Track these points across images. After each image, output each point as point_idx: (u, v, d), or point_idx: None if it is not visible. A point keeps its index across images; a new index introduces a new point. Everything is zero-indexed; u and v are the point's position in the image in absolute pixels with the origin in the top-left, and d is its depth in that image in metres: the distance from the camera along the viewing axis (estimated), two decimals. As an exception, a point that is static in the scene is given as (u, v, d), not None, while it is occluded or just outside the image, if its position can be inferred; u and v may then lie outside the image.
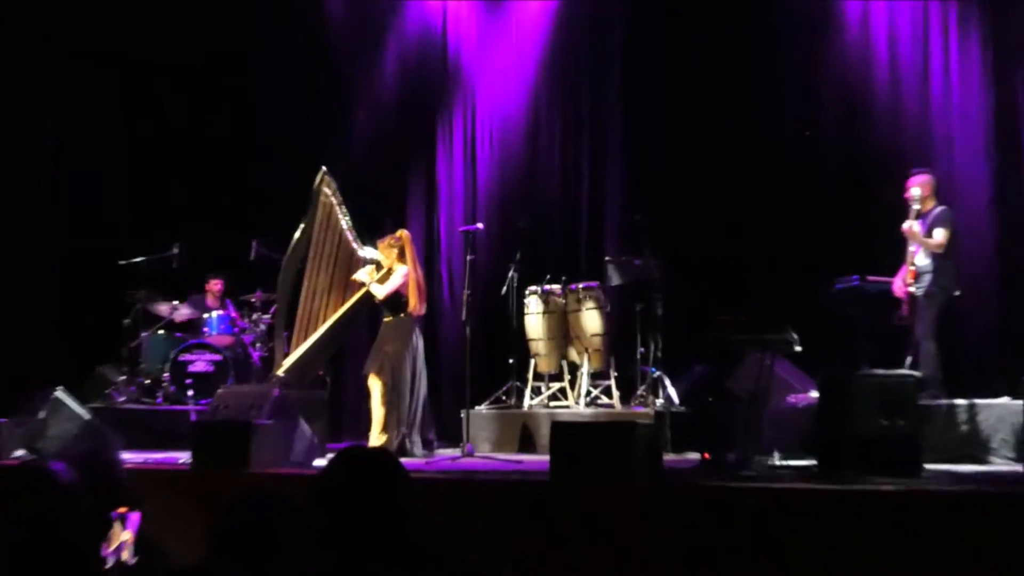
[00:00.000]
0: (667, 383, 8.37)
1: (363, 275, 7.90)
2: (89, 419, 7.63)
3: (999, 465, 6.64)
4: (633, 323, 8.60)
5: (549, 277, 8.97)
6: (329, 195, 8.05)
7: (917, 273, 7.46)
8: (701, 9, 9.44)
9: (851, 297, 7.57)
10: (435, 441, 7.97)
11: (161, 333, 9.79)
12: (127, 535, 3.74)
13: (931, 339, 7.35)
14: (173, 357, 9.35)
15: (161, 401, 9.35)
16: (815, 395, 6.68)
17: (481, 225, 8.69)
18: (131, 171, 10.72)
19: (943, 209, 7.57)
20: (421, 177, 10.61)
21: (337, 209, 8.04)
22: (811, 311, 7.77)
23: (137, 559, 3.73)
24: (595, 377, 8.87)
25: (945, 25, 8.91)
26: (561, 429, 5.81)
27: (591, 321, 8.81)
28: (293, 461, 6.74)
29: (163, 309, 9.84)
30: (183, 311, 9.90)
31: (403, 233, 7.92)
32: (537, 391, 8.99)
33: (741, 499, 5.09)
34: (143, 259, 9.76)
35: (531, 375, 8.96)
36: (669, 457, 7.15)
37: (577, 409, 8.60)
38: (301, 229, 8.05)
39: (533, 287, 9.01)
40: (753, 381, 6.41)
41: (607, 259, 9.04)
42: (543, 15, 10.30)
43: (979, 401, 7.02)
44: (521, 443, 8.42)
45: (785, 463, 6.34)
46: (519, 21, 10.41)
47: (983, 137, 8.67)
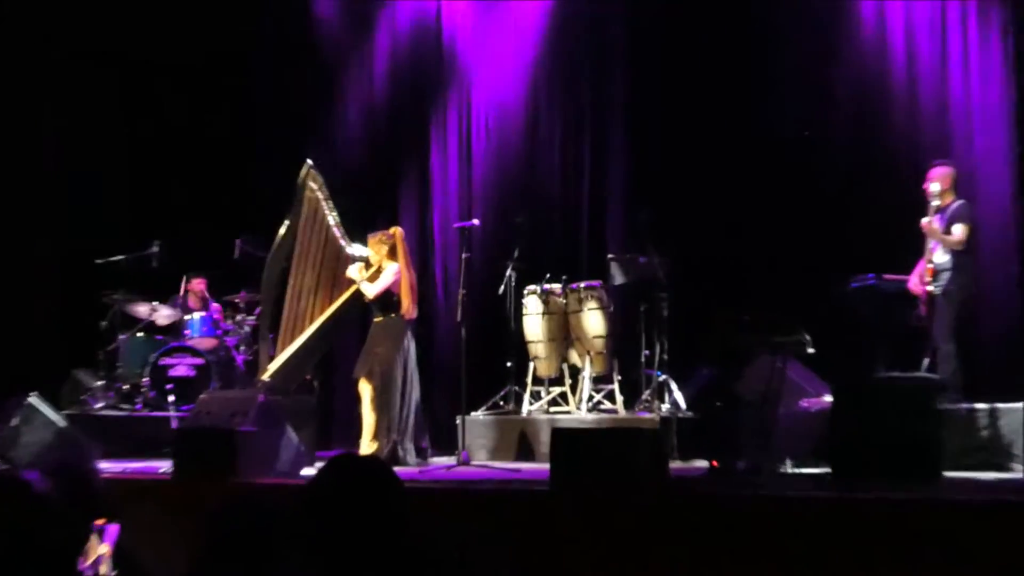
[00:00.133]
0: (673, 387, 8.38)
1: (354, 272, 7.91)
2: (64, 426, 7.62)
3: (1022, 473, 6.64)
4: (637, 324, 8.60)
5: (549, 276, 8.97)
6: (315, 189, 8.04)
7: (935, 271, 7.48)
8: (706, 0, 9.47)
9: (867, 296, 7.58)
10: (429, 449, 7.97)
11: (140, 336, 9.78)
12: (105, 548, 3.74)
13: (950, 340, 7.36)
14: (153, 361, 9.34)
15: (140, 407, 9.35)
16: (829, 399, 6.68)
17: (477, 221, 8.69)
18: (107, 165, 10.73)
19: (961, 203, 7.58)
20: (414, 171, 10.61)
21: (323, 204, 8.04)
22: (824, 311, 7.78)
23: (116, 574, 3.72)
24: (597, 381, 8.87)
25: (964, 14, 8.91)
26: (562, 436, 5.81)
27: (593, 322, 8.81)
28: (280, 470, 6.74)
29: (142, 310, 9.84)
30: (163, 312, 9.89)
31: (396, 231, 7.93)
32: (536, 396, 8.99)
33: (751, 509, 5.09)
34: (121, 257, 9.76)
35: (530, 379, 8.96)
36: (675, 465, 7.17)
37: (578, 415, 8.60)
38: (286, 226, 8.05)
39: (532, 286, 9.01)
40: (763, 385, 6.41)
41: (610, 257, 9.04)
42: (542, 4, 10.31)
43: (1001, 405, 7.02)
44: (519, 451, 8.42)
45: (797, 471, 6.35)
46: (517, 10, 10.42)
47: (1004, 131, 8.66)
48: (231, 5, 10.53)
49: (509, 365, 8.92)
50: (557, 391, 9.02)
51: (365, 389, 7.72)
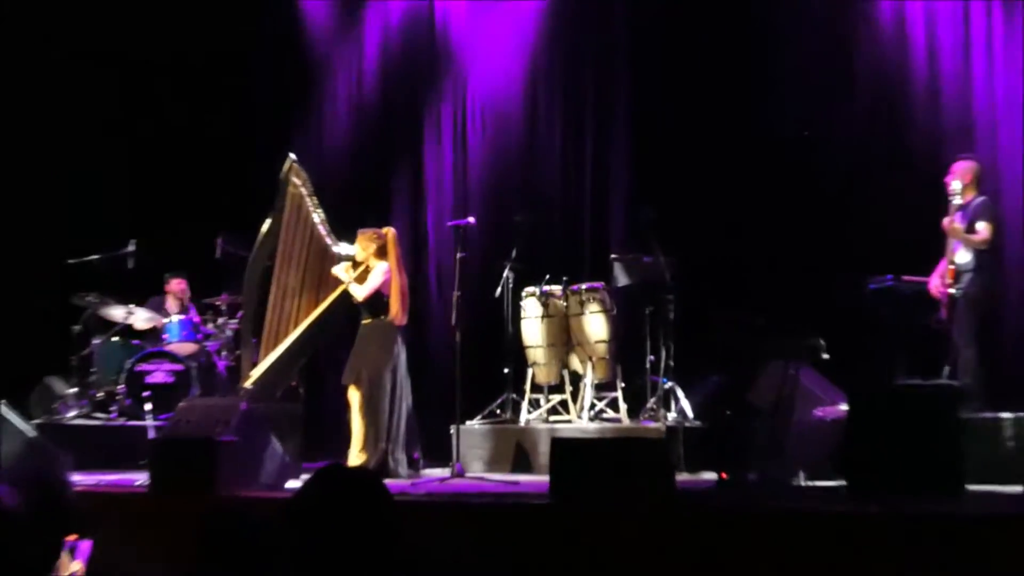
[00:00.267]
0: (680, 395, 8.38)
1: (341, 272, 7.90)
2: (35, 436, 7.61)
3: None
4: (642, 328, 8.60)
5: (548, 277, 8.97)
6: (298, 185, 8.04)
7: (957, 272, 7.47)
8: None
9: (885, 298, 7.58)
10: (421, 460, 7.97)
11: (115, 340, 9.77)
12: (77, 566, 3.73)
13: (971, 345, 7.36)
14: (129, 367, 9.33)
15: (115, 416, 9.33)
16: (844, 408, 6.68)
17: (472, 219, 8.67)
18: (82, 160, 10.72)
19: (983, 200, 7.57)
20: (407, 167, 10.61)
21: (307, 200, 8.04)
22: (840, 314, 7.78)
23: (88, 593, 3.72)
24: (600, 388, 8.87)
25: (988, 2, 8.93)
26: (562, 446, 5.81)
27: (595, 326, 8.81)
28: (264, 483, 6.74)
29: (117, 313, 9.82)
30: (140, 315, 9.87)
31: (389, 232, 7.92)
32: (535, 404, 8.99)
33: (762, 524, 5.09)
34: (95, 257, 9.74)
35: (528, 386, 8.96)
36: (682, 477, 7.16)
37: (580, 424, 8.60)
38: (268, 223, 8.04)
39: (531, 288, 9.01)
40: (775, 392, 6.42)
41: (613, 257, 9.04)
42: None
43: (1026, 414, 7.03)
44: (517, 462, 8.42)
45: (811, 484, 6.35)
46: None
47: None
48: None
49: (506, 371, 8.92)
50: (557, 399, 9.02)
51: (354, 396, 7.71)
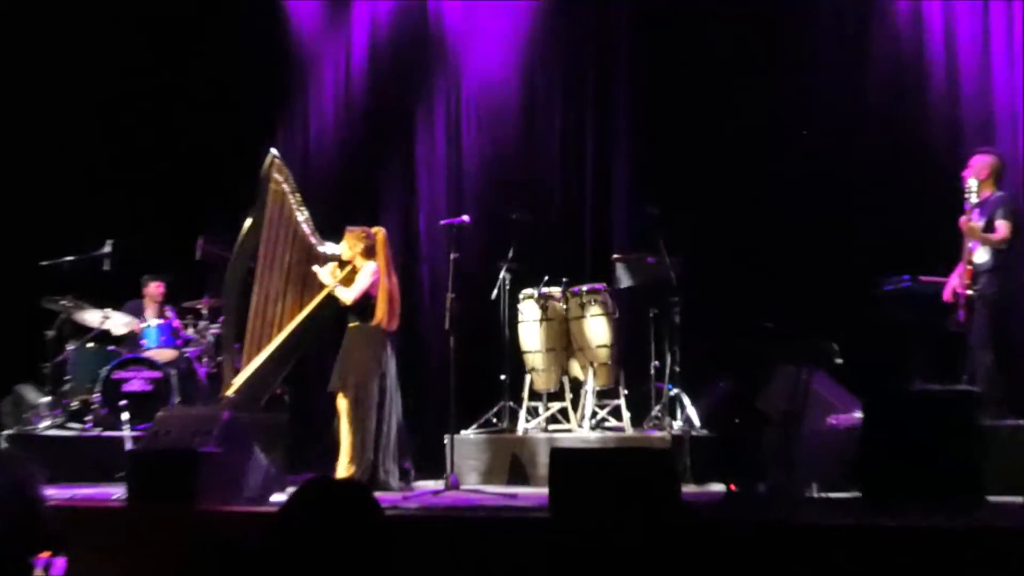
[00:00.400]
0: (686, 402, 8.38)
1: (325, 275, 7.90)
2: (5, 448, 7.61)
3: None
4: (646, 332, 8.61)
5: (547, 278, 8.98)
6: (280, 182, 8.05)
7: (975, 272, 7.45)
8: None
9: (902, 300, 7.59)
10: (412, 471, 7.97)
11: (90, 346, 9.77)
12: (51, 585, 3.73)
13: (989, 348, 7.35)
14: (105, 375, 9.33)
15: (91, 426, 9.33)
16: (859, 415, 6.69)
17: (467, 218, 8.69)
18: (55, 156, 10.72)
19: (1002, 196, 7.54)
20: (397, 163, 10.62)
21: (290, 198, 8.05)
22: (853, 317, 7.79)
23: (63, 613, 3.72)
24: (601, 396, 8.88)
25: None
26: (562, 457, 5.81)
27: (597, 330, 8.82)
28: (247, 496, 6.74)
29: (93, 318, 9.82)
30: (117, 320, 9.88)
31: (379, 232, 7.93)
32: (533, 412, 8.99)
33: (773, 539, 5.09)
34: (69, 259, 9.74)
35: (526, 394, 8.96)
36: (689, 489, 7.17)
37: (580, 433, 8.61)
38: (249, 223, 8.04)
39: (529, 290, 9.02)
40: (787, 400, 6.42)
41: (615, 257, 9.05)
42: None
43: (1050, 422, 7.05)
44: (514, 474, 8.43)
45: (824, 495, 6.35)
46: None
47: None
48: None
49: (503, 378, 8.92)
50: (556, 407, 9.02)
51: (342, 404, 7.72)
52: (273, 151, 8.16)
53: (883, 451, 5.92)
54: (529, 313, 9.00)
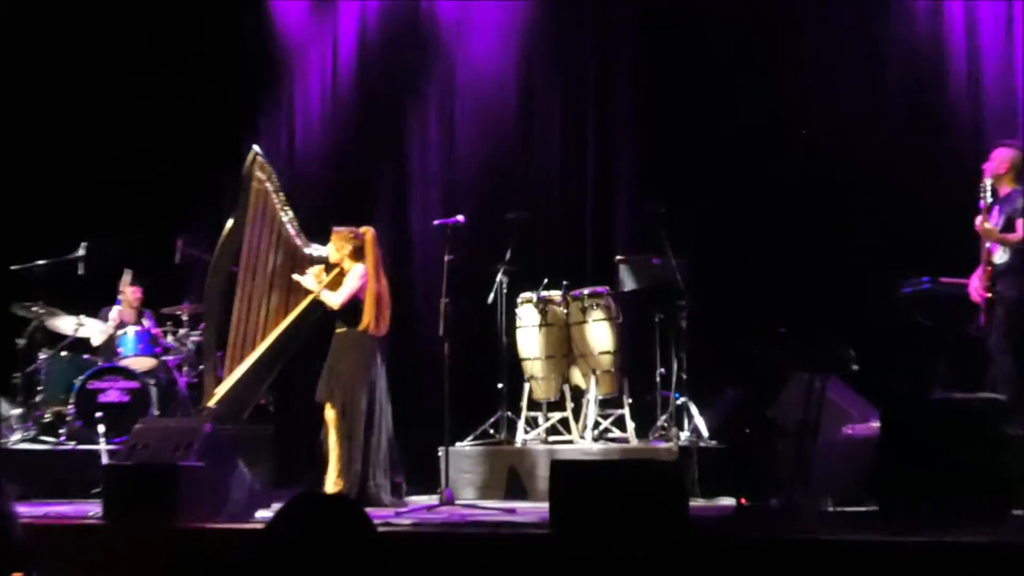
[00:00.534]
0: (693, 412, 8.39)
1: (309, 279, 7.91)
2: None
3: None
4: (651, 337, 8.62)
5: (547, 281, 8.99)
6: (263, 180, 8.05)
7: (994, 274, 7.43)
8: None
9: (921, 303, 7.59)
10: (405, 485, 7.97)
11: (64, 355, 9.77)
12: (24, 606, 3.73)
13: (1010, 353, 7.34)
14: (79, 385, 9.33)
15: (65, 440, 9.33)
16: (876, 425, 6.70)
17: (462, 217, 8.70)
18: (26, 155, 10.73)
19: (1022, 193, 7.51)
20: (388, 160, 10.62)
21: (274, 197, 8.05)
22: (870, 321, 7.79)
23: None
24: (604, 405, 8.88)
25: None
26: (562, 470, 5.81)
27: (599, 335, 8.83)
28: (230, 513, 6.74)
29: (66, 325, 9.82)
30: (91, 327, 9.88)
31: (368, 232, 7.94)
32: (533, 423, 9.00)
33: (786, 555, 5.10)
34: (41, 263, 9.74)
35: (525, 403, 8.97)
36: (697, 503, 7.18)
37: (582, 445, 8.62)
38: (231, 223, 8.05)
39: (527, 294, 9.03)
40: (801, 409, 6.42)
41: (618, 258, 9.06)
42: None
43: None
44: (512, 488, 8.44)
45: (839, 509, 6.36)
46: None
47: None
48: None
49: (500, 387, 8.93)
50: (557, 417, 9.03)
51: (330, 415, 7.73)
52: (255, 148, 8.16)
53: (901, 462, 5.92)
54: (528, 318, 9.01)
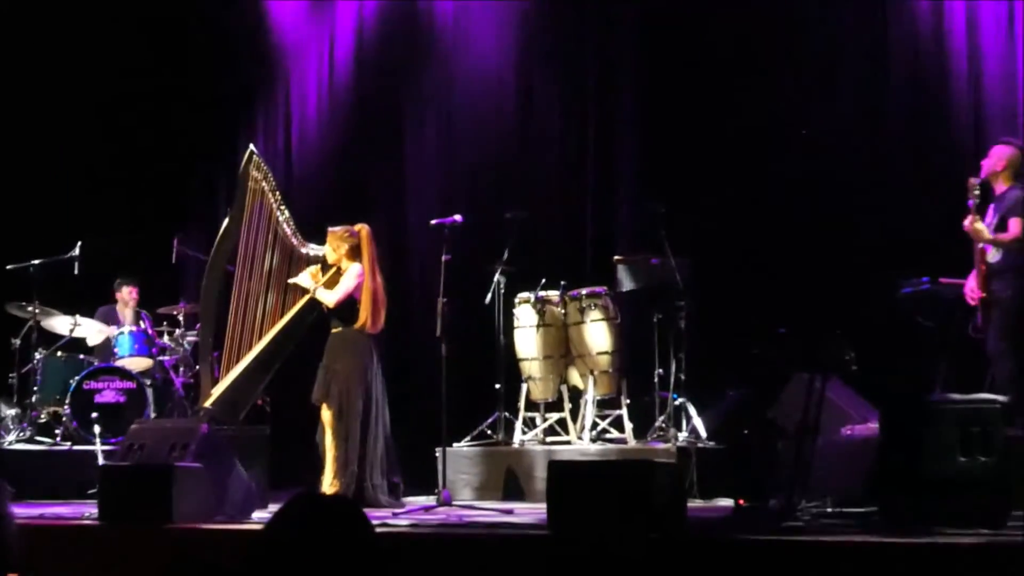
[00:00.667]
0: (692, 412, 8.40)
1: (305, 279, 7.91)
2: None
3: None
4: (649, 338, 8.62)
5: (544, 281, 8.99)
6: (259, 179, 8.07)
7: (989, 274, 7.41)
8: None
9: (921, 303, 7.59)
10: (402, 486, 7.97)
11: (59, 355, 9.77)
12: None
13: (1007, 354, 7.32)
14: (75, 385, 9.33)
15: (60, 440, 9.34)
16: (875, 426, 6.70)
17: (459, 217, 8.71)
18: (21, 154, 10.73)
19: (1020, 192, 7.47)
20: (385, 161, 10.62)
21: (270, 196, 8.07)
22: (870, 321, 7.80)
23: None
24: (602, 405, 8.89)
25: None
26: (560, 471, 5.83)
27: (597, 336, 8.83)
28: (227, 514, 6.74)
29: (62, 325, 9.82)
30: (87, 327, 9.88)
31: (362, 228, 7.94)
32: (530, 424, 9.01)
33: (784, 556, 5.10)
34: (36, 262, 9.74)
35: (522, 404, 8.98)
36: (695, 504, 7.18)
37: (580, 445, 8.62)
38: (227, 222, 8.06)
39: (525, 294, 9.03)
40: (800, 410, 6.42)
41: (617, 258, 9.06)
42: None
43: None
44: (510, 488, 8.44)
45: (839, 510, 6.36)
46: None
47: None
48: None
49: (498, 387, 8.94)
50: (555, 417, 9.04)
51: (326, 415, 7.73)
52: (252, 147, 8.18)
53: (901, 463, 5.92)
54: (525, 318, 9.01)
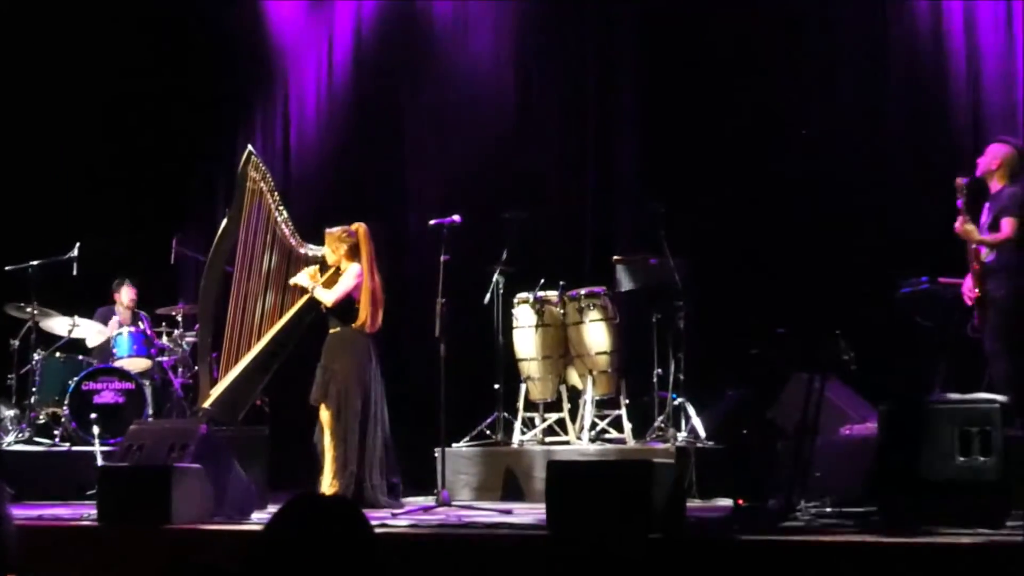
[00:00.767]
0: (691, 412, 8.40)
1: (304, 278, 7.92)
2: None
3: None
4: (648, 338, 8.63)
5: (543, 281, 8.99)
6: (257, 180, 8.08)
7: (983, 273, 7.40)
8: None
9: (920, 303, 7.59)
10: (401, 486, 7.98)
11: (58, 356, 9.77)
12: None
13: (1003, 354, 7.31)
14: (74, 386, 9.33)
15: (59, 441, 9.34)
16: (874, 426, 6.71)
17: (458, 217, 8.71)
18: (19, 155, 10.73)
19: (1014, 192, 7.43)
20: (382, 159, 10.62)
21: (268, 196, 8.08)
22: (869, 321, 7.81)
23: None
24: (601, 406, 8.90)
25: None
26: (559, 471, 5.84)
27: (596, 336, 8.83)
28: (226, 514, 6.75)
29: (60, 326, 9.83)
30: (85, 328, 9.89)
31: (360, 227, 7.95)
32: (529, 424, 9.01)
33: (783, 557, 5.11)
34: (34, 263, 9.74)
35: (521, 404, 8.98)
36: (694, 504, 7.19)
37: (579, 445, 8.63)
38: (225, 223, 8.07)
39: (524, 294, 9.03)
40: (800, 409, 6.43)
41: (616, 258, 9.06)
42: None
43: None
44: (509, 489, 8.45)
45: (838, 510, 6.37)
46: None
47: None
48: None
49: (497, 387, 8.94)
50: (554, 418, 9.04)
51: (325, 416, 7.74)
52: (250, 148, 8.19)
53: (900, 463, 5.93)
54: (524, 318, 9.01)
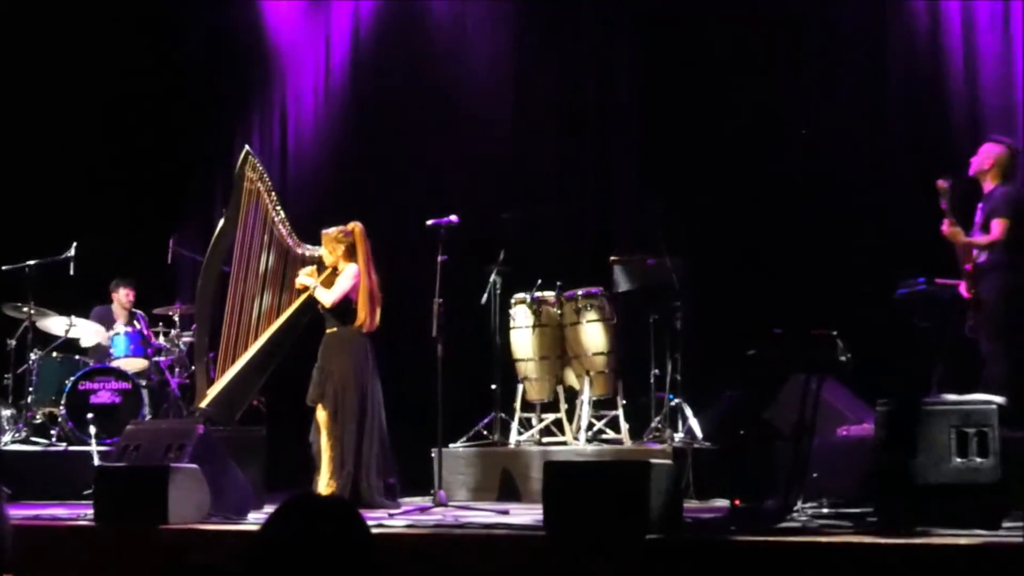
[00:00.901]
0: (688, 413, 8.41)
1: (304, 276, 7.93)
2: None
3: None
4: (645, 339, 8.63)
5: (540, 282, 8.99)
6: (255, 180, 8.08)
7: (977, 273, 7.40)
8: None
9: (917, 304, 7.59)
10: (398, 487, 7.98)
11: (55, 356, 9.77)
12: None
13: (1000, 357, 7.31)
14: (70, 386, 9.33)
15: (56, 441, 9.34)
16: (871, 426, 6.72)
17: (455, 217, 8.71)
18: (15, 154, 10.73)
19: (1006, 192, 7.41)
20: (378, 158, 10.61)
21: (266, 196, 8.09)
22: (866, 322, 7.81)
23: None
24: (598, 406, 8.90)
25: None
26: (556, 471, 5.84)
27: (593, 336, 8.84)
28: (223, 514, 6.75)
29: (57, 326, 9.82)
30: (82, 328, 9.88)
31: (356, 226, 7.95)
32: (526, 424, 9.01)
33: (780, 557, 5.11)
34: (31, 263, 9.74)
35: (518, 404, 8.98)
36: (691, 505, 7.19)
37: (576, 446, 8.63)
38: (222, 223, 8.07)
39: (521, 294, 9.03)
40: (797, 410, 6.43)
41: (613, 259, 9.07)
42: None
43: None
44: (506, 489, 8.46)
45: (835, 511, 6.37)
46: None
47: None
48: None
49: (494, 388, 8.94)
50: (551, 418, 9.04)
51: (322, 416, 7.74)
52: (247, 148, 8.20)
53: (897, 464, 5.93)
54: (521, 319, 9.01)
